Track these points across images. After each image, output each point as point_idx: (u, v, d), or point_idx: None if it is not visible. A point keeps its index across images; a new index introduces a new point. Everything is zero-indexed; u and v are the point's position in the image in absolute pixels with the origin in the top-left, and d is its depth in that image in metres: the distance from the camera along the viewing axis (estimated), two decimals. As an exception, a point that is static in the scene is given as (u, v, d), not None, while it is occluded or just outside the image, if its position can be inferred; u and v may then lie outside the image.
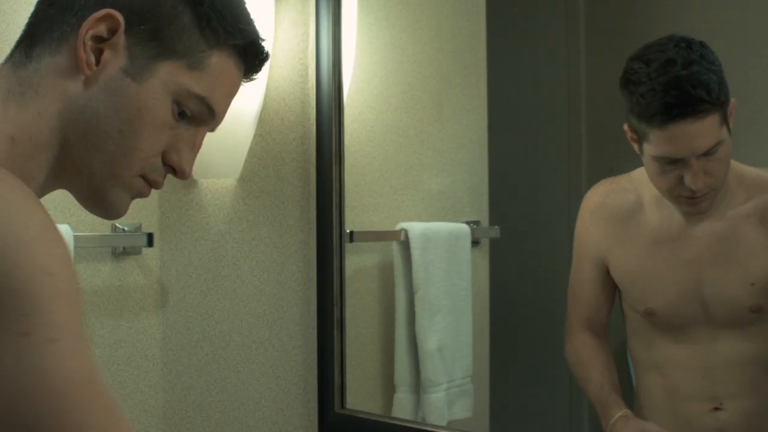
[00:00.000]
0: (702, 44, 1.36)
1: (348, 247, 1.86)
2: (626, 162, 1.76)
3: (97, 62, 0.84)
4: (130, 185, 0.88)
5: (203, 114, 0.89)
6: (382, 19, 1.97)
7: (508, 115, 1.94)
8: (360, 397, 1.89)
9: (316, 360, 1.88)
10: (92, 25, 0.83)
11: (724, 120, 1.34)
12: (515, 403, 1.91)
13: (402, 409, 1.85)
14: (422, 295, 1.83)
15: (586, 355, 1.58)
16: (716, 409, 1.42)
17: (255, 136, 1.77)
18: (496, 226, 1.95)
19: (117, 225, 1.61)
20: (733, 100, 1.36)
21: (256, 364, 1.82)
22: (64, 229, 1.48)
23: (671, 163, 1.37)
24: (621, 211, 1.50)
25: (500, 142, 1.94)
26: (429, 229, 1.86)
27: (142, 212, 1.65)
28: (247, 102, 1.68)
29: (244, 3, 0.92)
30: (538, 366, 1.90)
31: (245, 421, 1.80)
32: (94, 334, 1.59)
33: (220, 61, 0.88)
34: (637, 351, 1.55)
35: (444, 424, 1.83)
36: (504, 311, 1.95)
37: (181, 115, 0.88)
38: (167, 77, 0.86)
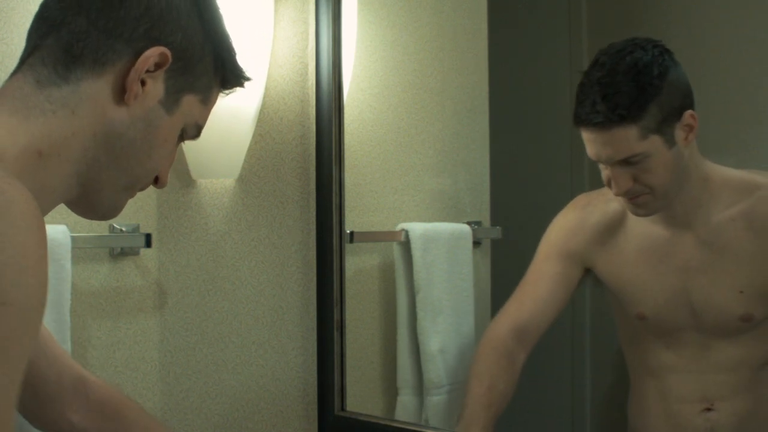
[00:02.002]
0: (657, 53, 1.34)
1: (348, 247, 1.85)
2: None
3: None
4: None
5: (193, 136, 0.98)
6: (382, 17, 1.97)
7: (510, 115, 1.94)
8: (360, 399, 1.88)
9: (315, 362, 1.87)
10: (146, 61, 0.88)
11: (656, 133, 1.32)
12: (517, 404, 1.90)
13: (405, 411, 1.85)
14: (423, 296, 1.82)
15: (493, 364, 1.56)
16: (707, 410, 1.44)
17: (254, 135, 1.76)
18: (497, 227, 1.95)
19: (115, 226, 1.60)
20: (689, 112, 1.34)
21: (255, 366, 1.81)
22: (61, 230, 1.47)
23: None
24: (609, 216, 1.51)
25: (502, 142, 1.94)
26: (430, 230, 1.85)
27: (140, 213, 1.64)
28: (246, 101, 1.66)
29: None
30: (540, 367, 1.89)
31: (244, 424, 1.80)
32: (91, 336, 1.58)
33: (216, 94, 0.99)
34: (630, 355, 1.57)
35: (448, 426, 1.82)
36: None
37: (180, 137, 0.97)
38: (187, 110, 0.94)
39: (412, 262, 1.82)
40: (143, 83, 0.89)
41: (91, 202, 0.93)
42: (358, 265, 1.91)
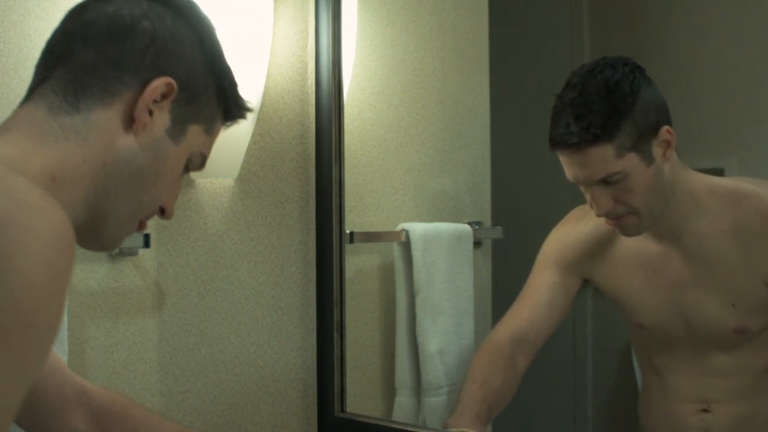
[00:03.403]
0: (628, 71, 1.33)
1: (348, 248, 1.85)
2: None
3: None
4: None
5: (198, 166, 1.00)
6: (382, 15, 1.96)
7: (511, 115, 1.94)
8: (360, 400, 1.87)
9: (315, 363, 1.86)
10: (153, 91, 0.90)
11: (632, 150, 1.31)
12: (518, 406, 1.89)
13: (403, 412, 1.84)
14: (423, 296, 1.81)
15: (488, 364, 1.56)
16: (704, 411, 1.46)
17: (253, 135, 1.76)
18: (498, 227, 1.95)
19: (113, 225, 1.59)
20: (665, 128, 1.33)
21: (254, 367, 1.80)
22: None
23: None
24: (604, 229, 1.50)
25: (502, 142, 1.94)
26: (430, 230, 1.85)
27: (138, 212, 1.63)
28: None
29: None
30: (541, 368, 1.89)
31: (243, 425, 1.79)
32: (89, 337, 1.57)
33: (220, 125, 1.01)
34: (638, 354, 1.60)
35: (445, 428, 1.81)
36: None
37: (185, 168, 0.99)
38: (192, 140, 0.96)
39: (413, 262, 1.81)
40: (150, 113, 0.92)
41: (95, 229, 0.94)
42: (358, 265, 1.90)
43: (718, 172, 1.62)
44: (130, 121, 0.91)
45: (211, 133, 0.99)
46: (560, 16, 1.89)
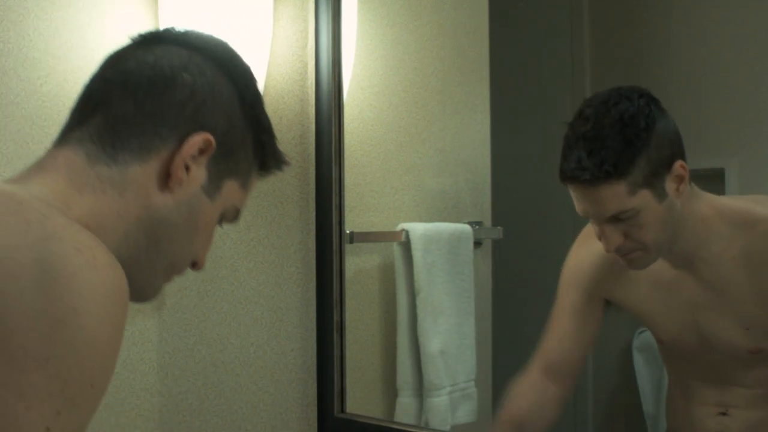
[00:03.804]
0: (643, 104, 1.29)
1: (348, 248, 1.84)
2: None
3: None
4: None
5: (232, 219, 0.99)
6: (382, 15, 1.96)
7: (511, 114, 1.93)
8: (360, 401, 1.87)
9: (315, 363, 1.86)
10: (191, 147, 0.89)
11: (645, 187, 1.27)
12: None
13: (405, 413, 1.84)
14: (424, 297, 1.81)
15: (516, 393, 1.55)
16: (722, 414, 1.44)
17: (253, 135, 1.75)
18: (498, 227, 1.94)
19: (112, 226, 1.59)
20: (679, 163, 1.29)
21: (254, 368, 1.80)
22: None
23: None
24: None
25: (503, 142, 1.93)
26: (430, 230, 1.84)
27: (138, 213, 1.63)
28: (245, 100, 1.65)
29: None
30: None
31: (243, 426, 1.79)
32: (88, 338, 1.57)
33: (255, 178, 0.99)
34: (662, 357, 1.58)
35: (447, 428, 1.81)
36: (507, 313, 1.94)
37: (219, 221, 0.98)
38: (227, 195, 0.94)
39: (413, 262, 1.81)
40: (187, 168, 0.90)
41: (138, 285, 0.92)
42: (358, 265, 1.90)
43: (718, 172, 1.61)
44: (166, 177, 0.89)
45: (247, 188, 0.97)
46: (560, 16, 1.88)
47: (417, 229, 1.83)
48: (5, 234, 0.73)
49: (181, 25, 0.96)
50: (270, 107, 1.80)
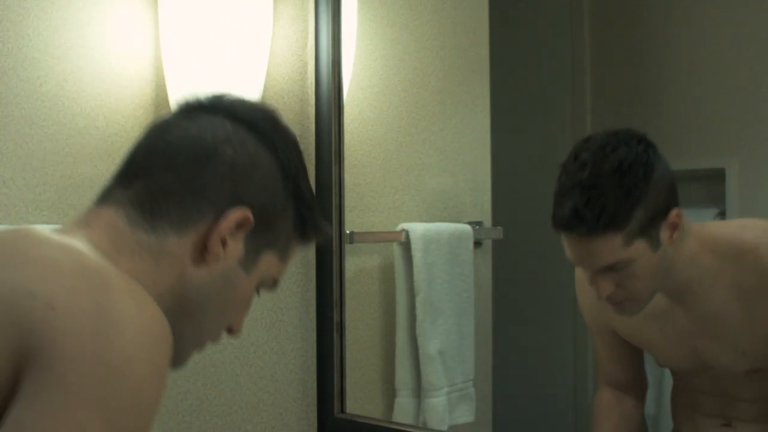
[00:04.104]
0: (641, 150, 1.25)
1: (348, 248, 1.84)
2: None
3: None
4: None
5: (270, 288, 0.98)
6: (382, 15, 1.95)
7: (512, 114, 1.93)
8: (360, 401, 1.87)
9: (315, 363, 1.86)
10: (228, 223, 0.89)
11: (640, 237, 1.24)
12: (518, 407, 1.89)
13: (403, 413, 1.83)
14: (424, 297, 1.81)
15: (599, 411, 1.56)
16: (726, 425, 1.44)
17: (253, 134, 1.75)
18: (498, 227, 1.94)
19: (112, 226, 1.59)
20: (675, 211, 1.26)
21: (254, 368, 1.79)
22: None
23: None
24: None
25: (503, 141, 1.93)
26: (430, 230, 1.84)
27: (137, 213, 1.63)
28: (245, 100, 1.65)
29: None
30: (542, 369, 1.88)
31: (243, 426, 1.78)
32: (88, 338, 1.57)
33: (295, 249, 0.98)
34: (671, 374, 1.58)
35: (445, 429, 1.81)
36: (507, 313, 1.93)
37: (256, 290, 0.97)
38: (265, 267, 0.93)
39: (413, 262, 1.81)
40: (224, 243, 0.89)
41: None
42: (358, 265, 1.89)
43: (719, 172, 1.61)
44: (202, 250, 0.89)
45: (286, 259, 0.96)
46: (561, 16, 1.88)
47: (417, 229, 1.83)
48: (67, 278, 0.76)
49: (227, 93, 0.96)
50: (270, 107, 1.80)
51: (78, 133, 1.57)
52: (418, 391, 1.83)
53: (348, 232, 1.82)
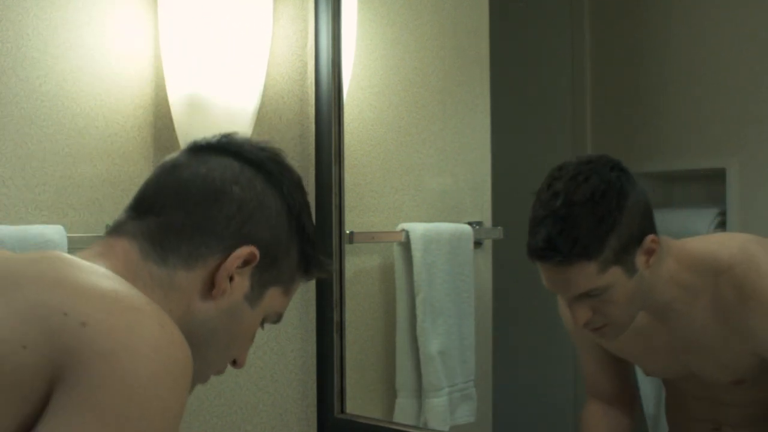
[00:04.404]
0: (614, 178, 1.25)
1: (348, 248, 1.84)
2: (629, 162, 1.75)
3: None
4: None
5: (274, 322, 1.02)
6: (382, 15, 1.95)
7: (512, 114, 1.93)
8: (360, 401, 1.87)
9: (315, 364, 1.85)
10: (236, 259, 0.92)
11: (615, 264, 1.25)
12: (519, 407, 1.89)
13: (404, 414, 1.83)
14: (424, 297, 1.80)
15: (587, 424, 1.55)
16: (715, 429, 1.45)
17: (252, 135, 1.75)
18: (498, 227, 1.93)
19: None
20: (650, 237, 1.26)
21: (253, 368, 1.79)
22: (57, 230, 1.45)
23: None
24: None
25: (503, 141, 1.92)
26: (430, 230, 1.84)
27: (137, 213, 1.62)
28: (244, 100, 1.65)
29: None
30: (542, 370, 1.88)
31: (243, 427, 1.78)
32: (88, 338, 1.56)
33: (298, 284, 1.02)
34: (662, 380, 1.59)
35: (446, 429, 1.81)
36: (507, 314, 1.93)
37: (260, 324, 1.01)
38: (269, 302, 0.97)
39: (413, 262, 1.81)
40: (231, 278, 0.93)
41: None
42: (358, 265, 1.89)
43: (719, 172, 1.61)
44: (210, 285, 0.92)
45: (289, 294, 1.01)
46: (561, 16, 1.88)
47: (417, 229, 1.83)
48: (98, 299, 0.80)
49: (234, 134, 1.00)
50: (270, 107, 1.80)
51: (77, 133, 1.56)
52: (419, 391, 1.83)
53: (348, 232, 1.82)
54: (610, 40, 1.82)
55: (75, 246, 1.51)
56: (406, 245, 1.82)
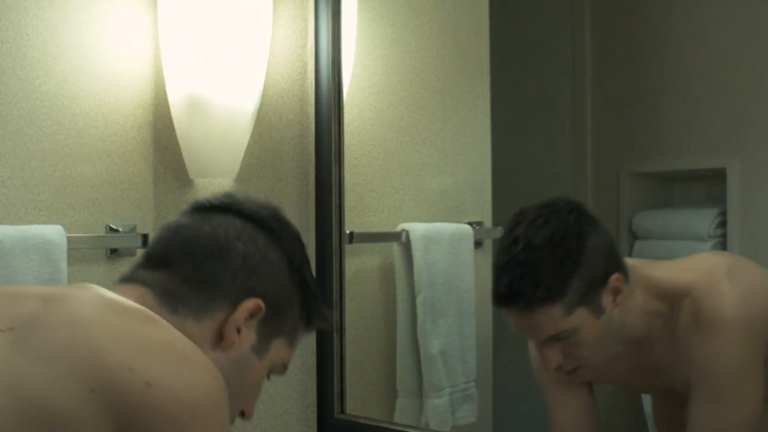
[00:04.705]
0: (573, 221, 1.26)
1: (348, 248, 1.84)
2: (629, 162, 1.74)
3: None
4: None
5: (280, 373, 1.06)
6: (382, 14, 1.95)
7: (512, 114, 1.93)
8: (360, 402, 1.87)
9: (315, 364, 1.85)
10: (242, 312, 0.97)
11: (581, 305, 1.25)
12: (519, 407, 1.88)
13: (404, 414, 1.83)
14: (424, 297, 1.80)
15: None
16: None
17: (252, 135, 1.74)
18: (498, 227, 1.93)
19: (111, 226, 1.58)
20: (614, 276, 1.27)
21: (253, 369, 1.79)
22: (57, 230, 1.45)
23: None
24: None
25: (503, 141, 1.93)
26: (431, 230, 1.84)
27: (137, 213, 1.62)
28: (244, 100, 1.65)
29: None
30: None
31: (243, 427, 1.78)
32: (87, 338, 1.56)
33: (302, 335, 1.06)
34: None
35: (447, 429, 1.81)
36: (507, 314, 1.92)
37: (267, 375, 1.05)
38: (275, 354, 1.02)
39: (413, 263, 1.81)
40: (238, 330, 0.98)
41: None
42: (358, 266, 1.89)
43: (720, 172, 1.61)
44: (219, 337, 0.97)
45: (293, 345, 1.05)
46: (561, 15, 1.88)
47: (417, 229, 1.83)
48: (157, 354, 0.85)
49: (234, 194, 1.06)
50: (270, 107, 1.80)
51: (77, 132, 1.56)
52: (420, 391, 1.83)
53: (348, 232, 1.82)
54: (611, 40, 1.82)
55: (74, 246, 1.51)
56: (407, 245, 1.82)
